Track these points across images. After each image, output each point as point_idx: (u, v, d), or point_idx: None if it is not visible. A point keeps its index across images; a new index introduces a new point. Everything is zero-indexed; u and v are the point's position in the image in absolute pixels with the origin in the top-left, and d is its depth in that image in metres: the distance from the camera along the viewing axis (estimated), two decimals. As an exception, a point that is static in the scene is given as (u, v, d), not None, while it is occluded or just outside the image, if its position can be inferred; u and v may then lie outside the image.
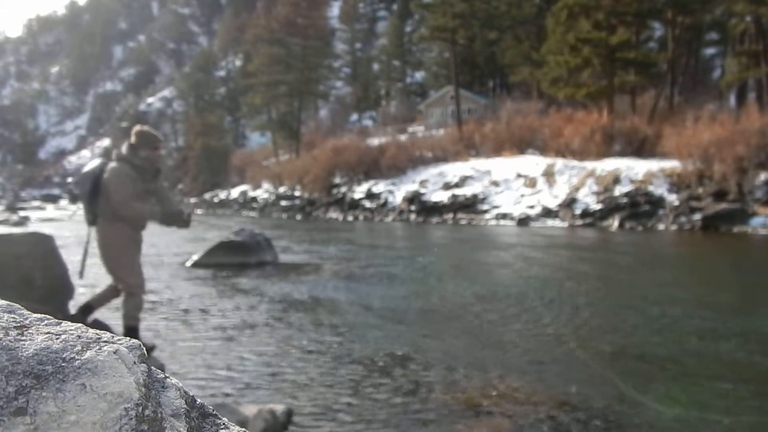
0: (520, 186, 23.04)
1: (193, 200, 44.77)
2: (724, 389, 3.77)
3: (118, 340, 0.65)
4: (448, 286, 7.72)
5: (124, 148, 4.10)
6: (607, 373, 4.10)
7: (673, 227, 17.19)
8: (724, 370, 4.17)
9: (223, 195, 42.25)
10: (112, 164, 4.02)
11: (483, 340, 5.01)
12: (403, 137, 35.18)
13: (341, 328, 5.37)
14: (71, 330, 0.65)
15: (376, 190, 27.75)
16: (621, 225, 18.19)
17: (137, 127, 4.20)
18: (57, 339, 0.62)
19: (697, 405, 3.46)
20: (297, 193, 33.36)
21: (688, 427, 3.24)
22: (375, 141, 34.75)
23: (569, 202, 20.39)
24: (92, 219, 4.09)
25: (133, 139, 4.09)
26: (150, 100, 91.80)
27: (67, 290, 4.80)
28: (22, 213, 26.38)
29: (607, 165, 21.38)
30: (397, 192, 26.70)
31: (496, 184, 23.81)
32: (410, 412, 3.37)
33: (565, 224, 19.48)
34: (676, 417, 3.33)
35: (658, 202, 18.49)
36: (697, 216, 16.96)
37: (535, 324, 5.54)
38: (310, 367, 4.21)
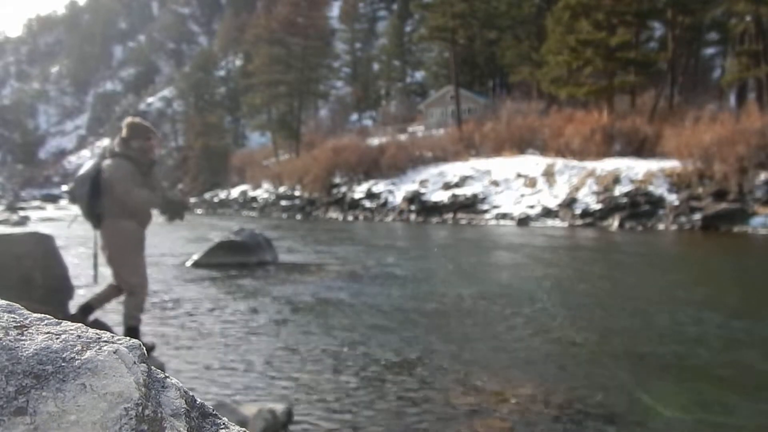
0: (520, 186, 23.04)
1: (193, 200, 44.75)
2: (728, 390, 3.78)
3: (118, 339, 0.65)
4: (449, 287, 7.72)
5: (115, 144, 4.08)
6: (612, 374, 4.10)
7: (673, 227, 17.19)
8: (728, 372, 4.17)
9: (223, 195, 42.25)
10: (108, 161, 4.00)
11: (486, 341, 5.01)
12: (403, 137, 35.19)
13: (342, 328, 5.37)
14: (71, 330, 0.65)
15: (376, 190, 27.75)
16: (621, 225, 18.19)
17: (128, 120, 4.17)
18: (57, 339, 0.62)
19: (700, 406, 3.46)
20: (297, 193, 33.36)
21: (692, 428, 3.24)
22: (375, 141, 34.77)
23: (569, 202, 20.39)
24: (96, 222, 4.05)
25: (124, 131, 4.07)
26: (150, 100, 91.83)
27: (67, 290, 4.79)
28: (22, 213, 26.40)
29: (607, 165, 21.38)
30: (397, 192, 26.70)
31: (496, 184, 23.81)
32: (412, 412, 3.37)
33: (565, 224, 19.48)
34: (681, 419, 3.33)
35: (658, 202, 18.49)
36: (697, 216, 16.96)
37: (538, 325, 5.54)
38: (310, 367, 4.21)
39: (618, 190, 19.66)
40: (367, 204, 27.22)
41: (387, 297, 6.93)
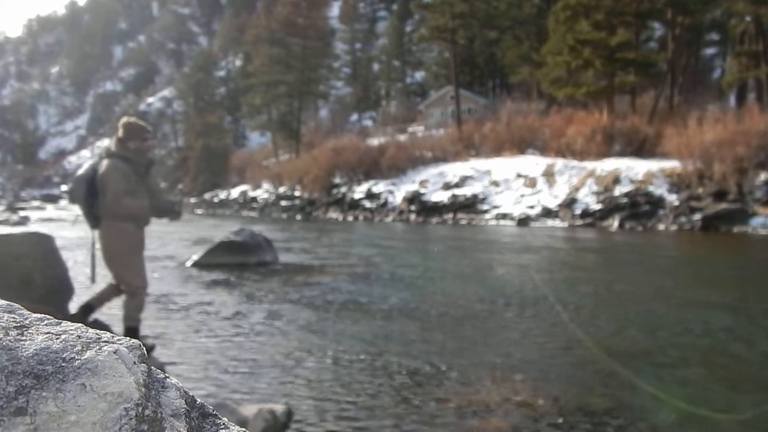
0: (520, 186, 23.04)
1: (193, 200, 44.80)
2: (726, 390, 3.77)
3: (118, 340, 0.65)
4: (450, 288, 7.72)
5: (112, 144, 4.08)
6: (614, 374, 4.10)
7: (673, 227, 17.19)
8: (728, 372, 4.17)
9: (223, 195, 42.26)
10: (105, 162, 4.00)
11: (488, 342, 5.01)
12: (403, 137, 35.19)
13: (342, 329, 5.37)
14: (71, 330, 0.64)
15: (376, 190, 27.75)
16: (621, 225, 18.19)
17: (124, 120, 4.14)
18: (57, 339, 0.62)
19: (698, 406, 3.46)
20: (297, 193, 33.36)
21: (690, 427, 3.24)
22: (375, 141, 34.77)
23: (569, 202, 20.39)
24: (94, 222, 4.05)
25: (120, 132, 4.05)
26: (150, 100, 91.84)
27: (67, 290, 4.79)
28: (22, 213, 26.38)
29: (607, 165, 21.38)
30: (397, 192, 26.70)
31: (496, 184, 23.81)
32: (413, 412, 3.37)
33: (565, 224, 19.48)
34: (683, 419, 3.33)
35: (658, 203, 18.48)
36: (697, 216, 16.95)
37: (540, 326, 5.54)
38: (309, 367, 4.21)
39: (618, 191, 19.65)
40: (367, 204, 27.22)
41: (387, 298, 6.93)
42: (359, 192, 28.43)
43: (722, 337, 5.06)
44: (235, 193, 41.01)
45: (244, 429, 0.74)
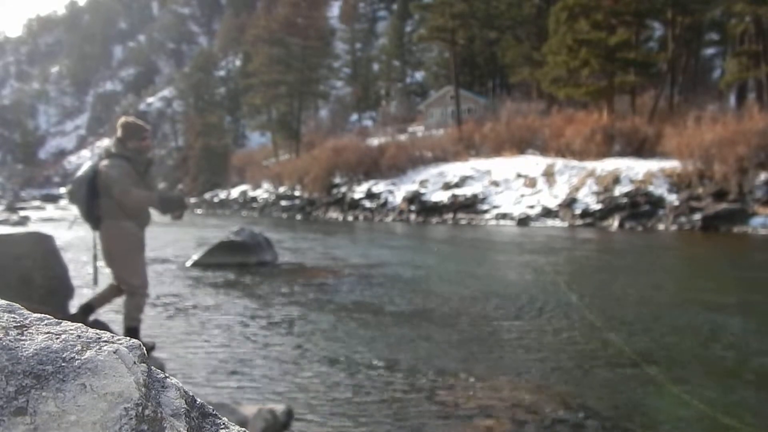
0: (520, 186, 23.03)
1: (193, 200, 44.77)
2: (726, 390, 3.77)
3: (118, 339, 0.65)
4: (450, 288, 7.72)
5: (112, 144, 4.09)
6: (613, 374, 4.10)
7: (673, 227, 17.18)
8: (727, 371, 4.17)
9: (223, 195, 42.25)
10: (105, 162, 4.01)
11: (488, 342, 5.01)
12: (403, 137, 35.18)
13: (341, 329, 5.37)
14: (71, 330, 0.64)
15: (376, 190, 27.74)
16: (621, 225, 18.18)
17: (122, 119, 4.15)
18: (57, 339, 0.62)
19: (697, 405, 3.46)
20: (297, 193, 33.35)
21: (688, 427, 3.23)
22: (375, 141, 34.75)
23: (569, 202, 20.38)
24: (95, 223, 4.05)
25: (119, 132, 4.06)
26: (150, 100, 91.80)
27: (67, 290, 4.79)
28: (22, 213, 26.38)
29: (607, 165, 21.38)
30: (397, 192, 26.69)
31: (496, 184, 23.80)
32: (413, 412, 3.37)
33: (565, 224, 19.47)
34: (676, 418, 3.33)
35: (658, 202, 18.48)
36: (697, 216, 16.94)
37: (537, 324, 5.53)
38: (309, 367, 4.21)
39: (618, 191, 19.64)
40: (367, 204, 27.21)
41: (386, 298, 6.93)
42: (359, 192, 28.42)
43: (739, 341, 5.06)
44: (235, 193, 40.99)
45: (244, 429, 0.74)
